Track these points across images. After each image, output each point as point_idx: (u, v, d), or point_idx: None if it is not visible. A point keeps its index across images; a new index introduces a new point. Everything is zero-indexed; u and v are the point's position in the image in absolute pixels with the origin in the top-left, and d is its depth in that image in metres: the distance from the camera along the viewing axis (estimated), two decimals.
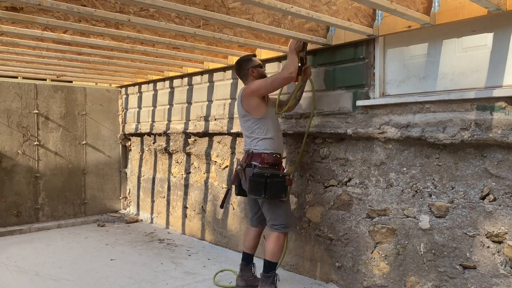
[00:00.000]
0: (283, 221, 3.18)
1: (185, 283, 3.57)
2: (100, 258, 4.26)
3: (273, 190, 3.07)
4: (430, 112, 2.79)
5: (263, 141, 3.19)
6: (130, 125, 6.37)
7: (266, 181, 3.05)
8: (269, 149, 3.18)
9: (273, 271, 3.17)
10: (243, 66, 3.36)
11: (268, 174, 3.07)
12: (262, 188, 3.05)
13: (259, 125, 3.20)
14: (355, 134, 3.22)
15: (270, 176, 3.07)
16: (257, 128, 3.20)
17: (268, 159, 3.14)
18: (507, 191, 2.47)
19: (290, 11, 2.52)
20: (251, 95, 3.18)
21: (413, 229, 2.92)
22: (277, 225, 3.17)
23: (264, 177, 3.06)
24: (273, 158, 3.16)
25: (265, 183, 3.05)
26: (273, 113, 3.32)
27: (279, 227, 3.17)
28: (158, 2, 2.43)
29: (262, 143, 3.18)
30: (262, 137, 3.19)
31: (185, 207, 5.26)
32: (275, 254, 3.15)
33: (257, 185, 3.07)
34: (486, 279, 2.55)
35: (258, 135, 3.20)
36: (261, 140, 3.19)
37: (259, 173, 3.08)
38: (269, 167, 3.13)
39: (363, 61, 3.22)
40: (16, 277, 3.72)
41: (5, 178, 5.47)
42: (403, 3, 2.52)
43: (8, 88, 5.53)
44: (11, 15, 2.69)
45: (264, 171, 3.08)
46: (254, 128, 3.21)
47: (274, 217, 3.18)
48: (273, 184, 3.06)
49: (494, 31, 2.59)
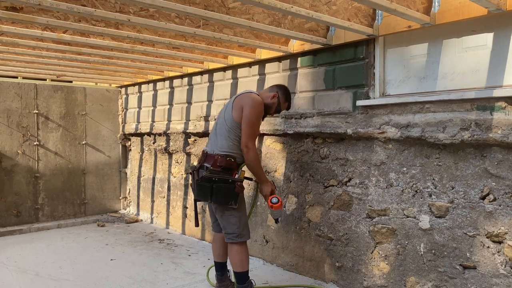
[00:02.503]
0: (235, 230, 3.00)
1: (185, 283, 3.57)
2: (100, 258, 4.26)
3: (219, 196, 2.90)
4: (430, 112, 2.79)
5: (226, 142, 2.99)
6: (130, 125, 6.37)
7: (213, 186, 2.88)
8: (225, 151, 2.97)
9: (247, 280, 3.06)
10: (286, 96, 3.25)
11: (216, 178, 2.89)
12: (208, 193, 2.90)
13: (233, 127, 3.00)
14: (355, 134, 3.22)
15: (217, 181, 2.89)
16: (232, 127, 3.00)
17: (221, 162, 2.93)
18: (507, 191, 2.47)
19: (290, 11, 2.53)
20: (240, 108, 2.98)
21: (413, 229, 2.92)
22: (230, 234, 3.01)
23: (211, 182, 2.88)
24: (226, 162, 2.94)
25: (211, 188, 2.88)
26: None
27: (231, 237, 3.01)
28: (158, 2, 2.43)
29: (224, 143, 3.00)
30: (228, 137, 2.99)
31: (185, 207, 5.26)
32: (243, 264, 3.01)
33: (204, 189, 2.92)
34: (486, 279, 2.55)
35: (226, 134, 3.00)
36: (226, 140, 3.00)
37: (207, 177, 2.90)
38: (221, 170, 2.92)
39: (363, 61, 3.22)
40: (16, 277, 3.72)
41: (5, 178, 5.47)
42: (403, 3, 2.52)
43: (8, 88, 5.53)
44: (11, 15, 2.69)
45: (212, 175, 2.89)
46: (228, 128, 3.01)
47: (226, 225, 3.02)
48: (219, 190, 2.88)
49: (494, 31, 2.59)
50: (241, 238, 3.02)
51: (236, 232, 3.01)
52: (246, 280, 3.05)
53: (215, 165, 2.93)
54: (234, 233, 3.01)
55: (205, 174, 2.92)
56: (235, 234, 3.01)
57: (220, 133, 3.05)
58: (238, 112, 2.98)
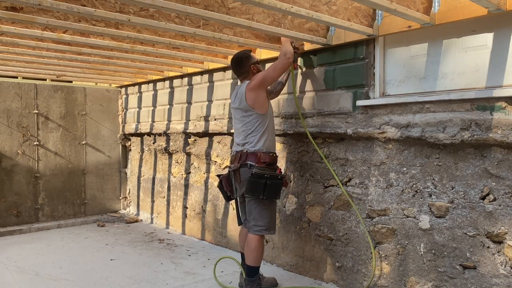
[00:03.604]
0: (267, 224, 3.14)
1: (185, 283, 3.57)
2: (100, 258, 4.26)
3: (272, 192, 3.04)
4: (430, 112, 2.79)
5: (261, 138, 3.13)
6: (130, 125, 6.37)
7: (266, 182, 3.01)
8: (264, 148, 3.13)
9: (257, 274, 3.17)
10: (244, 63, 3.28)
11: (267, 175, 3.03)
12: (261, 189, 3.01)
13: (260, 122, 3.14)
14: (355, 134, 3.21)
15: (269, 177, 3.03)
16: (259, 124, 3.14)
17: (264, 158, 3.09)
18: (507, 191, 2.47)
19: (290, 11, 2.52)
20: (258, 88, 3.13)
21: (413, 229, 2.92)
22: (260, 226, 3.12)
23: (264, 178, 3.01)
24: (269, 157, 3.12)
25: (265, 184, 3.00)
26: (272, 110, 3.31)
27: (261, 229, 3.12)
28: (158, 2, 2.43)
29: (259, 140, 3.13)
30: (261, 134, 3.13)
31: (185, 207, 5.26)
32: (258, 259, 3.13)
33: (257, 185, 3.01)
34: (486, 279, 2.55)
35: (257, 131, 3.14)
36: (259, 137, 3.13)
37: (259, 173, 3.02)
38: (266, 166, 3.08)
39: (363, 61, 3.22)
40: (16, 277, 3.72)
41: (5, 178, 5.47)
42: (403, 3, 2.52)
43: (8, 88, 5.53)
44: (11, 15, 2.69)
45: (263, 172, 3.03)
46: (256, 125, 3.14)
47: (259, 218, 3.12)
48: (272, 186, 3.03)
49: (494, 31, 2.59)
50: (269, 231, 3.17)
51: (266, 225, 3.14)
52: (256, 275, 3.16)
53: (260, 161, 3.08)
54: (264, 226, 3.13)
55: (256, 171, 3.03)
56: (265, 227, 3.14)
57: (247, 130, 3.16)
58: (254, 96, 3.12)
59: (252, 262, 3.12)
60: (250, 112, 3.15)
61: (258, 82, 3.13)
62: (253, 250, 3.11)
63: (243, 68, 3.30)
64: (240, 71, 3.34)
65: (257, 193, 3.04)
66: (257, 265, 3.14)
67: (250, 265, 3.13)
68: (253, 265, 3.13)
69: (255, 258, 3.12)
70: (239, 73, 3.36)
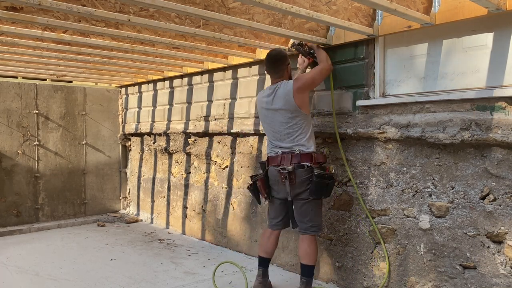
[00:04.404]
0: (321, 222, 3.18)
1: (185, 283, 3.57)
2: (100, 258, 4.26)
3: (330, 191, 3.08)
4: (430, 112, 2.79)
5: (309, 138, 3.10)
6: (130, 125, 6.37)
7: (328, 182, 3.02)
8: (314, 148, 3.11)
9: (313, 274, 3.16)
10: (283, 62, 3.18)
11: (327, 175, 3.03)
12: (325, 189, 3.02)
13: (307, 122, 3.11)
14: (355, 134, 3.21)
15: (328, 177, 3.03)
16: (306, 125, 3.10)
17: (318, 158, 3.08)
18: (507, 191, 2.47)
19: (290, 11, 2.52)
20: (306, 89, 3.09)
21: (413, 229, 2.92)
22: (316, 226, 3.11)
23: (327, 178, 3.01)
24: (323, 157, 3.13)
25: (327, 184, 3.02)
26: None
27: (316, 229, 3.12)
28: (158, 2, 2.43)
29: (309, 140, 3.10)
30: (309, 134, 3.11)
31: (185, 207, 5.26)
32: (315, 257, 3.13)
33: (322, 186, 3.00)
34: (486, 279, 2.55)
35: (305, 132, 3.09)
36: (308, 137, 3.10)
37: (322, 174, 3.01)
38: (319, 166, 3.07)
39: (363, 61, 3.22)
40: (16, 277, 3.72)
41: (5, 178, 5.47)
42: (403, 3, 2.52)
43: (8, 88, 5.53)
44: (11, 15, 2.69)
45: (324, 172, 3.03)
46: (303, 126, 3.09)
47: (315, 218, 3.11)
48: (331, 185, 3.05)
49: (494, 31, 2.59)
50: (322, 230, 3.27)
51: (321, 224, 3.18)
52: (312, 274, 3.14)
53: (314, 162, 3.05)
54: (319, 226, 3.15)
55: (319, 172, 3.01)
56: (320, 227, 3.16)
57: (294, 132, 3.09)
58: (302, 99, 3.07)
59: (311, 261, 3.10)
60: (296, 113, 3.07)
61: (307, 83, 3.09)
62: (314, 250, 3.11)
63: (281, 67, 3.18)
64: (277, 69, 3.20)
65: (323, 194, 3.05)
66: (314, 264, 3.14)
67: (310, 265, 3.10)
68: (312, 264, 3.11)
69: (314, 256, 3.11)
70: (275, 71, 3.21)
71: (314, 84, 3.20)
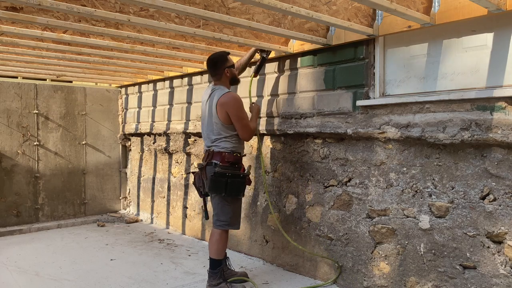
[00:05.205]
0: (228, 219, 3.29)
1: (185, 283, 3.57)
2: (100, 258, 4.26)
3: (233, 189, 3.20)
4: (430, 112, 2.79)
5: (226, 141, 3.26)
6: (130, 125, 6.37)
7: (227, 180, 3.16)
8: (229, 148, 3.26)
9: (219, 267, 3.30)
10: (219, 65, 3.35)
11: (229, 174, 3.17)
12: (223, 187, 3.16)
13: (228, 129, 3.27)
14: (355, 134, 3.22)
15: (231, 176, 3.17)
16: (225, 131, 3.27)
17: (229, 158, 3.22)
18: (507, 191, 2.47)
19: (290, 11, 2.53)
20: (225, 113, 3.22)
21: (413, 229, 2.92)
22: (222, 221, 3.28)
23: (226, 177, 3.16)
24: (234, 157, 3.25)
25: (226, 182, 3.16)
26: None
27: (222, 224, 3.28)
28: (158, 2, 2.43)
29: (226, 143, 3.26)
30: (227, 138, 3.27)
31: (185, 207, 5.26)
32: (220, 252, 3.30)
33: (218, 184, 3.17)
34: (486, 279, 2.55)
35: (223, 135, 3.26)
36: (225, 140, 3.26)
37: (221, 172, 3.17)
38: (230, 165, 3.22)
39: (363, 61, 3.22)
40: (16, 277, 3.72)
41: (5, 178, 5.47)
42: (403, 3, 2.52)
43: (8, 88, 5.53)
44: (11, 15, 2.69)
45: (225, 171, 3.18)
46: (222, 131, 3.27)
47: (221, 213, 3.28)
48: (234, 184, 3.18)
49: (494, 31, 2.59)
50: (231, 226, 3.33)
51: (228, 221, 3.30)
52: (217, 267, 3.30)
53: (224, 161, 3.22)
54: (226, 222, 3.30)
55: (218, 170, 3.18)
56: (227, 223, 3.30)
57: (216, 133, 3.29)
58: (225, 116, 3.23)
59: (214, 255, 3.29)
60: (218, 121, 3.26)
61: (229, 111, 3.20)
62: (215, 243, 3.29)
63: (217, 70, 3.36)
64: (214, 72, 3.39)
65: (219, 191, 3.19)
66: (219, 258, 3.29)
67: (212, 258, 3.30)
68: (215, 258, 3.29)
69: (217, 251, 3.28)
70: (213, 74, 3.41)
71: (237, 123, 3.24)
